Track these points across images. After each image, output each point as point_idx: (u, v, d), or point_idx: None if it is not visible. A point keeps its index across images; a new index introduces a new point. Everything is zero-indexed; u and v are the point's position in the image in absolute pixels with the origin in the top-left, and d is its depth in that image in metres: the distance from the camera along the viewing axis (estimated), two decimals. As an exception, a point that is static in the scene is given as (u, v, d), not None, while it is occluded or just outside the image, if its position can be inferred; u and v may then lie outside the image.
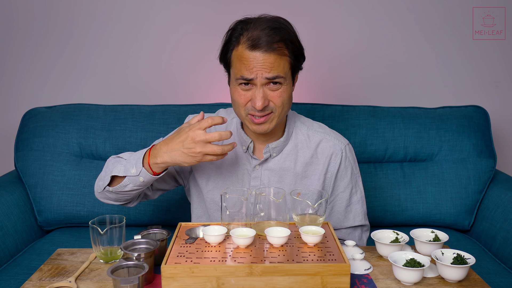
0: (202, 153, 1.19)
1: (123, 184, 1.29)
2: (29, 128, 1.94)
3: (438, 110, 2.03)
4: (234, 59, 1.27)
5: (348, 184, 1.42)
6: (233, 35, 1.27)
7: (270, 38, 1.22)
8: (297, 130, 1.42)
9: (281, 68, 1.24)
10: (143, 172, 1.25)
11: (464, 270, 1.07)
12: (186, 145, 1.19)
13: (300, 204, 1.19)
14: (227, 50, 1.29)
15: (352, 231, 1.46)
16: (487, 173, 1.93)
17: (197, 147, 1.18)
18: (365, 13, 2.21)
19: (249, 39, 1.23)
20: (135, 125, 1.93)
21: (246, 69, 1.23)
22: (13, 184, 1.89)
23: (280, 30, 1.24)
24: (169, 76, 2.25)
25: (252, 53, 1.22)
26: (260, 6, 2.16)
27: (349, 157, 1.42)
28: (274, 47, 1.22)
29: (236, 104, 1.30)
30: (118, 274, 1.02)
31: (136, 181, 1.27)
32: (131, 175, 1.26)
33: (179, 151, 1.21)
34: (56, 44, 2.22)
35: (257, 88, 1.25)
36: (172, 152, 1.21)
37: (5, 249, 1.68)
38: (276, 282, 1.00)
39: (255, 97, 1.25)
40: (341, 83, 2.27)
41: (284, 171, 1.39)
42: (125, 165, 1.28)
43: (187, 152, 1.20)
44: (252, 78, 1.23)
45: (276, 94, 1.26)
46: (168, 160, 1.23)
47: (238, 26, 1.27)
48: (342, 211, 1.43)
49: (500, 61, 2.26)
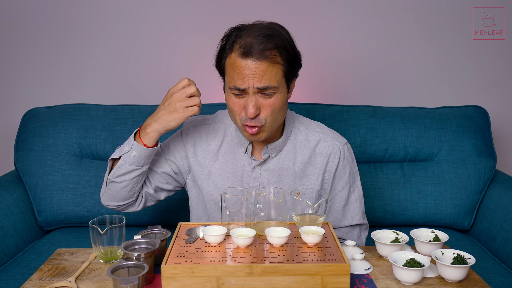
0: (182, 107, 1.27)
1: (118, 165, 1.33)
2: (29, 128, 1.94)
3: (438, 110, 2.03)
4: (228, 66, 1.27)
5: (346, 183, 1.42)
6: (227, 42, 1.27)
7: (262, 46, 1.21)
8: (295, 130, 1.42)
9: (273, 77, 1.23)
10: (135, 145, 1.30)
11: (464, 270, 1.07)
12: (167, 105, 1.29)
13: (300, 204, 1.19)
14: (221, 57, 1.29)
15: (351, 230, 1.46)
16: (487, 173, 1.93)
17: (177, 102, 1.27)
18: (365, 13, 2.21)
19: (241, 46, 1.23)
20: (135, 125, 1.93)
21: (239, 77, 1.23)
22: (13, 184, 1.89)
23: (273, 37, 1.23)
24: (169, 76, 2.25)
25: (244, 61, 1.22)
26: (260, 7, 2.17)
27: (347, 156, 1.42)
28: (266, 55, 1.21)
29: (231, 112, 1.31)
30: (118, 274, 1.02)
31: (129, 158, 1.31)
32: (125, 153, 1.32)
33: (162, 111, 1.29)
34: (56, 44, 2.22)
35: (249, 96, 1.25)
36: (157, 117, 1.30)
37: (5, 249, 1.68)
38: (276, 282, 1.00)
39: (247, 105, 1.25)
40: (341, 83, 2.27)
41: (283, 171, 1.40)
42: (121, 148, 1.36)
43: (169, 110, 1.28)
44: (244, 88, 1.24)
45: (268, 102, 1.26)
46: (156, 126, 1.30)
47: (232, 33, 1.27)
48: (340, 210, 1.44)
49: (500, 61, 2.26)
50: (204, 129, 1.45)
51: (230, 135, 1.43)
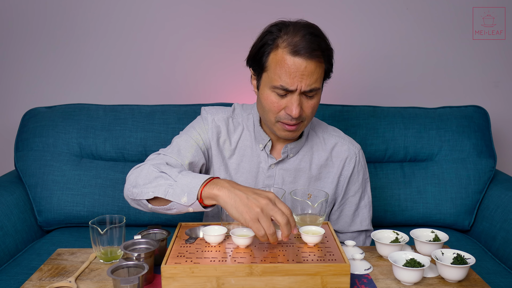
0: (257, 216, 1.01)
1: (167, 207, 1.14)
2: (29, 128, 1.94)
3: (438, 110, 2.03)
4: (272, 63, 1.23)
5: (358, 189, 1.44)
6: (269, 38, 1.24)
7: (312, 45, 1.20)
8: (312, 132, 1.43)
9: (319, 78, 1.24)
10: (196, 204, 1.10)
11: (464, 270, 1.07)
12: (251, 198, 1.03)
13: (300, 204, 1.20)
14: (263, 53, 1.25)
15: (357, 236, 1.47)
16: (487, 173, 1.93)
17: (259, 208, 1.01)
18: (365, 13, 2.21)
19: (290, 44, 1.20)
20: (135, 125, 1.93)
21: (287, 76, 1.20)
22: (13, 184, 1.89)
23: (319, 37, 1.23)
24: (169, 76, 2.25)
25: (294, 58, 1.20)
26: (261, 8, 2.16)
27: (362, 162, 1.44)
28: (314, 55, 1.20)
29: (266, 110, 1.28)
30: (118, 274, 1.02)
31: (184, 209, 1.12)
32: (180, 203, 1.11)
33: (241, 194, 1.04)
34: (56, 44, 2.22)
35: (294, 96, 1.23)
36: (233, 192, 1.05)
37: (5, 249, 1.68)
38: (276, 282, 1.00)
39: (291, 105, 1.23)
40: (341, 83, 2.27)
41: (299, 172, 1.40)
42: (174, 190, 1.11)
43: (246, 201, 1.02)
44: (292, 90, 1.22)
45: (310, 104, 1.26)
46: (224, 197, 1.05)
47: (273, 29, 1.25)
48: (350, 215, 1.45)
49: (500, 61, 2.26)
50: (224, 120, 1.40)
51: (248, 130, 1.40)
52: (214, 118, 1.39)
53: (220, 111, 1.42)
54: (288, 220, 1.02)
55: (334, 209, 1.46)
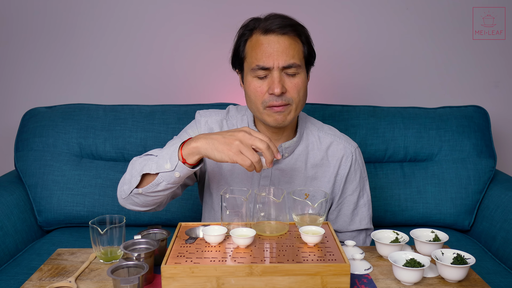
0: (238, 149, 1.09)
1: (155, 182, 1.18)
2: (29, 128, 1.94)
3: (438, 110, 2.03)
4: (249, 49, 1.28)
5: (356, 187, 1.43)
6: (245, 29, 1.29)
7: (283, 22, 1.25)
8: (307, 131, 1.42)
9: (296, 54, 1.25)
10: (180, 165, 1.14)
11: (464, 270, 1.07)
12: (228, 135, 1.11)
13: (300, 204, 1.19)
14: (239, 45, 1.30)
15: (357, 235, 1.46)
16: (487, 173, 1.93)
17: (238, 140, 1.09)
18: (365, 13, 2.21)
19: (262, 27, 1.25)
20: (135, 125, 1.93)
21: (263, 55, 1.23)
22: (13, 184, 1.89)
23: (291, 20, 1.28)
24: (169, 76, 2.25)
25: (267, 37, 1.24)
26: (260, 6, 2.16)
27: (359, 161, 1.43)
28: (286, 30, 1.24)
29: (252, 99, 1.29)
30: (118, 274, 1.02)
31: (171, 177, 1.16)
32: (165, 171, 1.16)
33: (218, 136, 1.12)
34: (56, 44, 2.22)
35: (273, 74, 1.24)
36: (210, 137, 1.12)
37: (5, 249, 1.68)
38: (276, 282, 1.00)
39: (272, 83, 1.24)
40: (341, 83, 2.27)
41: (294, 172, 1.39)
42: (157, 162, 1.17)
43: (225, 140, 1.10)
44: (269, 67, 1.24)
45: (294, 83, 1.26)
46: (204, 144, 1.11)
47: (250, 22, 1.30)
48: (349, 214, 1.44)
49: (500, 61, 2.26)
50: (218, 122, 1.41)
51: None
52: (208, 120, 1.41)
53: (214, 113, 1.43)
54: (269, 145, 1.10)
55: (332, 209, 1.45)
